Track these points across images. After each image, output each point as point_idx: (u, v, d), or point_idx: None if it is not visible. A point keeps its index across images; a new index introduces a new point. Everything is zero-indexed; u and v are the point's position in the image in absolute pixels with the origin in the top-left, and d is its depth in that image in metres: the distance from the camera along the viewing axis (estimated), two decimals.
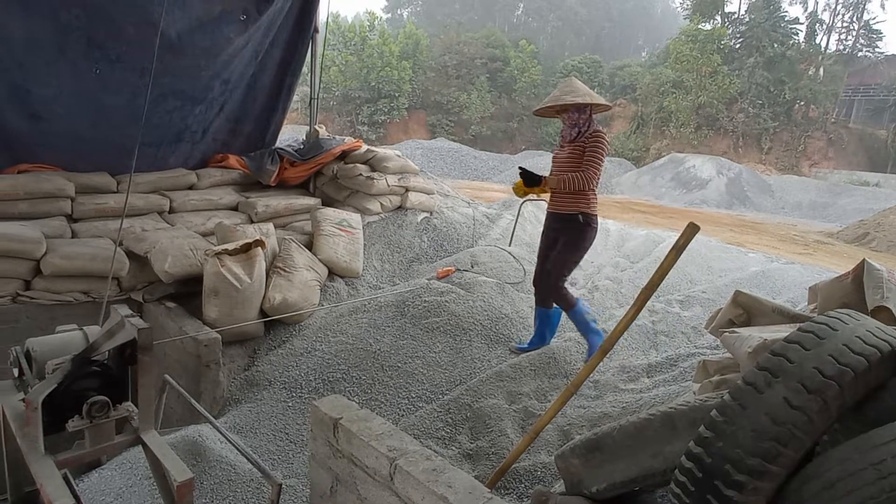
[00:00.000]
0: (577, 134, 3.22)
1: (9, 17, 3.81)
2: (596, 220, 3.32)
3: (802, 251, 10.10)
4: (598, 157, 3.15)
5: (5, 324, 3.31)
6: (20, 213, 3.92)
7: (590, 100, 3.16)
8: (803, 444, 1.25)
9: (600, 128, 3.22)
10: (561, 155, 3.36)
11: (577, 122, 3.22)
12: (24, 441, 1.86)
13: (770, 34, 24.38)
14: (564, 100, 3.15)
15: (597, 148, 3.15)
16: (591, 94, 3.21)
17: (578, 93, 3.17)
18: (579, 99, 3.13)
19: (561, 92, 3.22)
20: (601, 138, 3.17)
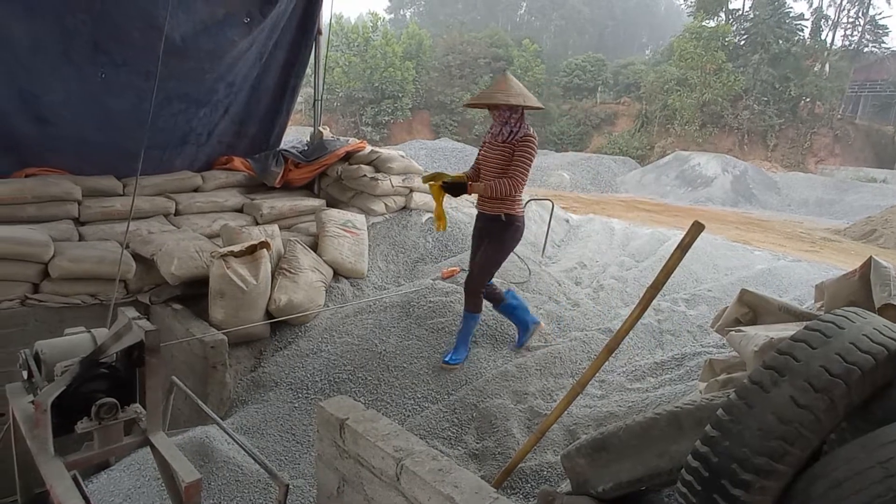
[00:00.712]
0: (508, 134, 3.16)
1: (15, 22, 3.85)
2: (520, 220, 3.30)
3: (809, 249, 10.05)
4: (525, 163, 3.12)
5: (14, 326, 3.34)
6: (28, 217, 3.95)
7: (522, 101, 3.09)
8: (810, 443, 1.25)
9: (531, 130, 3.17)
10: (490, 154, 3.28)
11: (507, 121, 3.16)
12: (33, 443, 1.88)
13: (775, 30, 24.26)
14: (497, 99, 3.08)
15: (525, 153, 3.12)
16: (524, 94, 3.14)
17: (511, 93, 3.10)
18: (511, 100, 3.06)
19: (494, 90, 3.15)
20: (531, 143, 3.13)
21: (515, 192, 3.16)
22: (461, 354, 3.45)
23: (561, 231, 6.95)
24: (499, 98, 3.08)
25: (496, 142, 3.23)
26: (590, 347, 3.73)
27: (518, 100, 3.08)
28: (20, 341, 3.09)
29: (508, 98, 3.06)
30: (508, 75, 3.24)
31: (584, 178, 18.58)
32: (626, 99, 27.69)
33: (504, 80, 3.17)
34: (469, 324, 3.49)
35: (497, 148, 3.23)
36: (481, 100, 3.24)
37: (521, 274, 4.52)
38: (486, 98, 3.18)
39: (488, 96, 3.16)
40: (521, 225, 3.33)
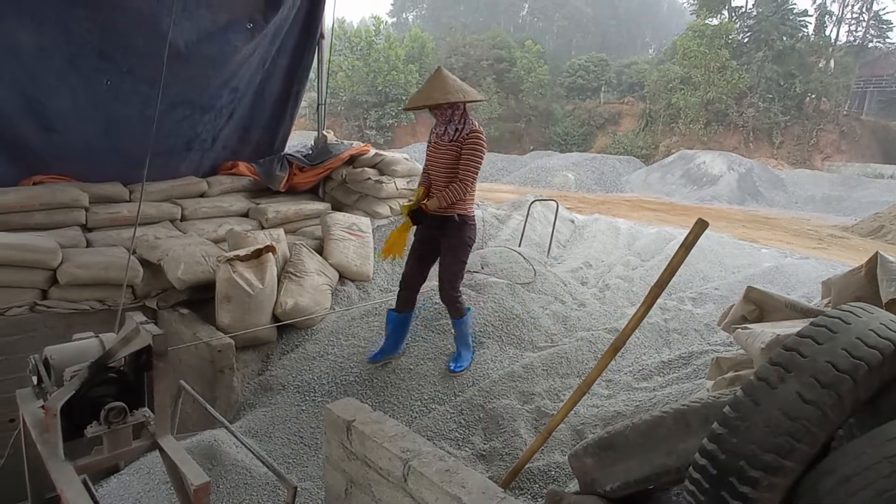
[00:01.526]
0: (454, 132, 3.04)
1: (22, 31, 3.89)
2: (472, 219, 3.23)
3: (816, 246, 9.98)
4: (474, 162, 3.01)
5: (24, 332, 3.37)
6: (36, 224, 3.99)
7: (462, 97, 2.96)
8: (818, 439, 1.24)
9: (477, 125, 3.06)
10: (436, 156, 3.17)
11: (451, 119, 3.03)
12: (44, 447, 1.90)
13: (779, 27, 24.14)
14: (435, 98, 2.94)
15: (474, 151, 3.00)
16: (463, 89, 3.00)
17: (450, 90, 2.95)
18: (451, 97, 2.93)
19: (431, 88, 2.99)
20: (478, 139, 3.01)
21: (467, 194, 3.05)
22: (466, 360, 3.37)
23: (566, 231, 6.94)
24: (437, 97, 2.93)
25: (442, 142, 3.11)
26: (596, 347, 3.72)
27: (458, 95, 2.94)
28: (30, 347, 3.12)
29: (447, 96, 2.93)
30: (443, 71, 3.07)
31: (589, 179, 18.55)
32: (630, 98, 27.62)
33: (440, 77, 3.01)
34: (461, 329, 3.37)
35: (443, 148, 3.11)
36: (420, 101, 3.06)
37: (526, 274, 4.52)
38: (424, 99, 3.01)
39: (426, 96, 3.00)
40: (474, 224, 3.25)
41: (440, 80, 3.00)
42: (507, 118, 27.55)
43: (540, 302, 4.24)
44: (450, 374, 3.37)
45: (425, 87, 3.04)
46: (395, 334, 3.48)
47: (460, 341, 3.40)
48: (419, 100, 3.05)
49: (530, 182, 18.04)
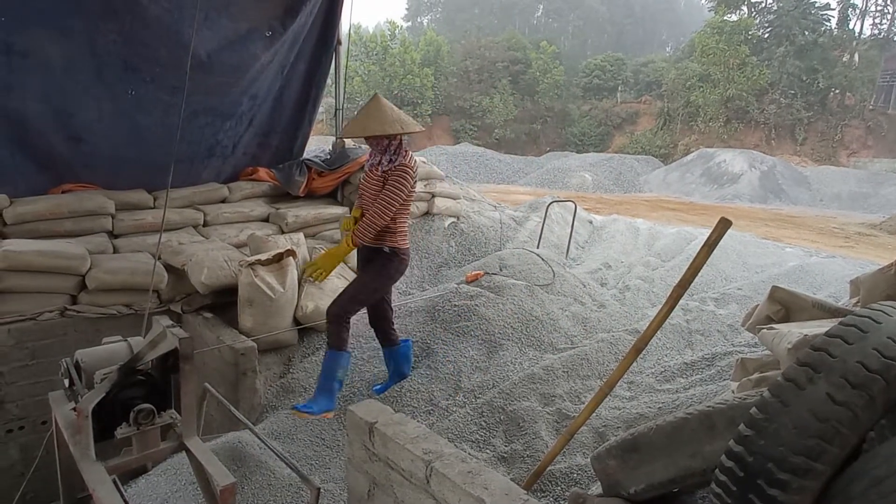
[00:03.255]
0: (387, 163, 2.94)
1: (50, 45, 4.01)
2: (405, 252, 3.09)
3: (843, 244, 9.76)
4: (392, 196, 2.87)
5: (55, 337, 3.46)
6: (65, 231, 4.09)
7: (400, 129, 2.86)
8: (848, 441, 1.22)
9: (408, 160, 2.93)
10: (368, 185, 3.05)
11: (387, 149, 2.93)
12: (76, 448, 1.95)
13: (800, 22, 23.70)
14: (371, 130, 2.85)
15: (396, 185, 2.88)
16: (400, 119, 2.89)
17: (386, 120, 2.85)
18: (388, 129, 2.83)
19: (367, 118, 2.89)
20: (404, 174, 2.88)
21: (379, 224, 2.88)
22: (317, 406, 2.92)
23: (584, 232, 6.90)
24: (374, 128, 2.84)
25: (374, 172, 3.00)
26: (617, 349, 3.69)
27: (395, 127, 2.85)
28: (61, 351, 3.21)
29: (384, 127, 2.83)
30: (381, 100, 2.96)
31: (607, 179, 18.39)
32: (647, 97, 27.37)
33: (377, 107, 2.90)
34: (330, 364, 2.97)
35: (375, 179, 2.99)
36: (356, 132, 2.97)
37: (545, 276, 4.50)
38: (360, 129, 2.91)
39: (362, 126, 2.90)
40: (405, 258, 3.11)
41: (377, 109, 2.89)
42: (523, 120, 27.48)
43: (559, 303, 4.22)
44: (471, 375, 3.37)
45: (361, 116, 2.93)
46: (397, 365, 3.39)
47: (322, 379, 3.00)
48: (355, 130, 2.96)
49: (547, 183, 17.96)
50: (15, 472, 3.33)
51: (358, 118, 2.93)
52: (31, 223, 3.98)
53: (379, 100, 2.95)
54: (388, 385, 3.37)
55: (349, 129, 3.03)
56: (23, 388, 3.36)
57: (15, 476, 3.31)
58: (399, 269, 3.12)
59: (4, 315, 3.35)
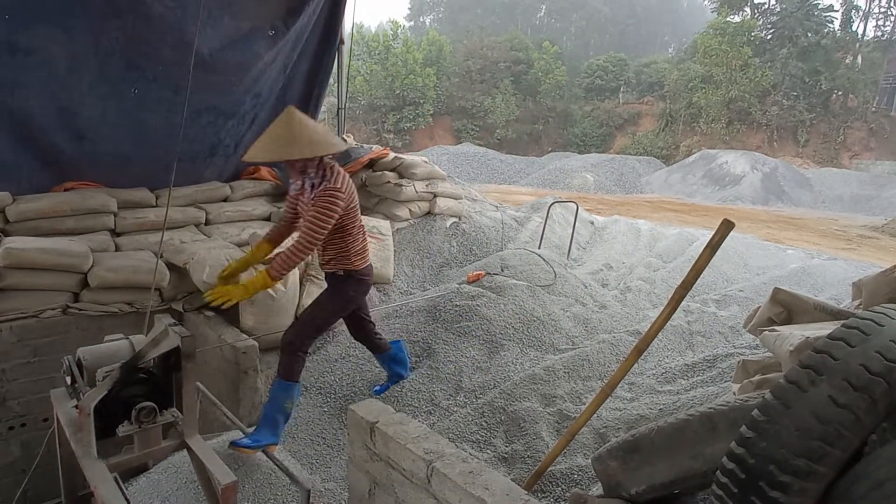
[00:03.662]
0: (312, 188, 2.56)
1: (54, 44, 4.01)
2: (362, 272, 2.79)
3: (845, 246, 9.74)
4: (316, 223, 2.47)
5: (57, 334, 3.47)
6: (67, 229, 4.10)
7: (309, 152, 2.41)
8: (851, 444, 1.22)
9: (335, 181, 2.51)
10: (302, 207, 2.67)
11: (306, 172, 2.54)
12: (77, 446, 1.95)
13: (803, 23, 23.64)
14: (280, 155, 2.41)
15: (318, 215, 2.47)
16: (313, 140, 2.43)
17: (300, 142, 2.39)
18: (296, 153, 2.39)
19: (272, 139, 2.43)
20: (330, 200, 2.47)
21: (296, 258, 2.49)
22: (260, 439, 2.58)
23: (586, 233, 6.90)
24: (278, 153, 2.40)
25: (304, 198, 2.62)
26: (618, 350, 3.69)
27: (304, 150, 2.40)
28: (63, 348, 3.21)
29: (291, 151, 2.38)
30: (293, 115, 2.49)
31: (609, 180, 18.38)
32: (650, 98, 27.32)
33: (287, 124, 2.45)
34: (277, 395, 2.68)
35: (307, 198, 2.60)
36: (256, 155, 2.47)
37: (546, 276, 4.50)
38: (266, 153, 2.46)
39: (264, 148, 2.45)
40: (365, 278, 2.82)
41: (288, 128, 2.44)
42: (524, 120, 27.46)
43: (560, 304, 4.22)
44: (472, 375, 3.36)
45: (265, 137, 2.48)
46: (393, 368, 3.33)
47: (267, 410, 2.70)
48: (256, 153, 2.48)
49: (549, 184, 17.95)
50: (16, 470, 3.34)
51: (265, 139, 2.46)
52: (33, 221, 3.99)
53: (292, 115, 2.48)
54: (386, 386, 3.35)
55: (251, 151, 2.48)
56: (24, 385, 3.37)
57: (16, 473, 3.32)
58: (359, 289, 2.84)
59: (7, 312, 3.36)
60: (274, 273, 2.44)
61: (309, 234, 2.47)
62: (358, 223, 2.72)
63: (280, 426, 2.70)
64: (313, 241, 2.49)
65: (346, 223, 2.64)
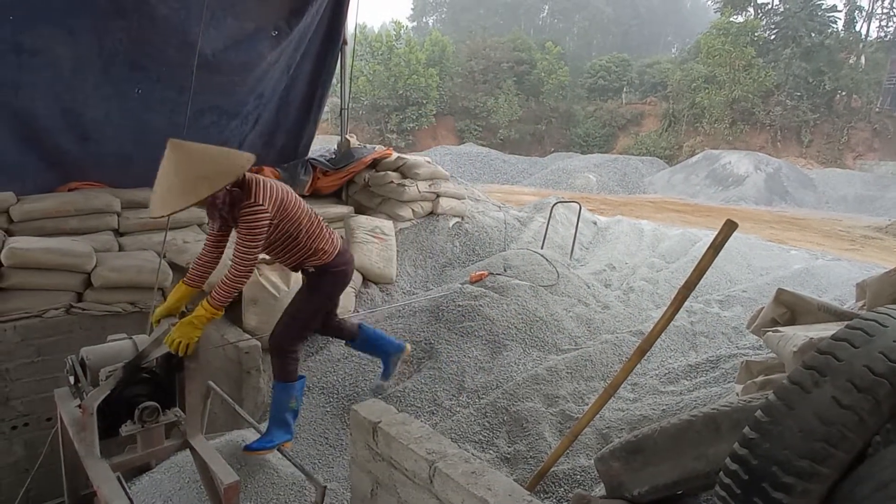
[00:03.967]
0: (230, 215, 2.37)
1: (59, 45, 4.03)
2: (336, 264, 2.64)
3: (849, 247, 9.70)
4: (244, 242, 2.27)
5: (60, 334, 3.48)
6: (71, 229, 4.11)
7: (207, 189, 2.13)
8: (854, 445, 1.21)
9: (253, 194, 2.30)
10: None
11: (214, 205, 2.32)
12: (80, 445, 1.96)
13: (807, 23, 23.57)
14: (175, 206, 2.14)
15: (246, 232, 2.27)
16: (205, 174, 2.15)
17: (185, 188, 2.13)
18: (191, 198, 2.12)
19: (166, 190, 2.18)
20: (253, 215, 2.26)
21: (237, 282, 2.29)
22: (273, 439, 2.57)
23: (589, 233, 6.89)
24: (175, 203, 2.13)
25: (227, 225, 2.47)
26: (621, 350, 3.68)
27: (200, 191, 2.12)
28: (66, 348, 3.22)
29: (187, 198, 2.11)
30: (172, 157, 2.20)
31: (611, 180, 18.35)
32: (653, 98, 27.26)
33: (174, 168, 2.18)
34: (279, 397, 2.65)
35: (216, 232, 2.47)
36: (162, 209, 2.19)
37: (549, 277, 4.50)
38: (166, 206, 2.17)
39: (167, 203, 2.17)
40: (340, 268, 2.66)
41: (174, 173, 2.17)
42: (527, 120, 27.45)
43: (563, 304, 4.21)
44: (475, 375, 3.36)
45: (158, 188, 2.22)
46: (379, 353, 3.22)
47: (273, 412, 2.67)
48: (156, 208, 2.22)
49: (551, 184, 17.94)
50: (19, 469, 3.35)
51: (157, 189, 2.23)
52: (37, 221, 4.00)
53: (169, 161, 2.20)
54: (387, 372, 3.23)
55: (153, 208, 2.25)
56: (28, 384, 3.38)
57: (19, 472, 3.33)
58: (336, 282, 2.71)
59: (10, 312, 3.37)
60: (214, 303, 2.24)
61: (240, 258, 2.27)
62: (306, 223, 2.52)
63: (290, 423, 2.70)
64: (248, 263, 2.29)
65: (289, 229, 2.47)
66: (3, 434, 3.34)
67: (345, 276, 2.73)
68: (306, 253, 2.57)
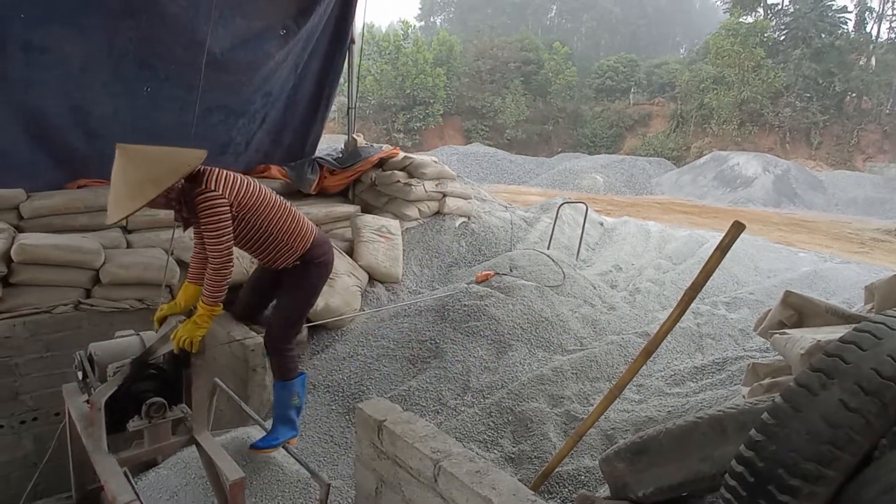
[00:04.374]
0: (189, 210, 2.32)
1: (68, 43, 4.06)
2: (316, 255, 2.57)
3: (858, 250, 9.63)
4: (211, 231, 2.22)
5: (69, 330, 3.51)
6: (80, 226, 4.14)
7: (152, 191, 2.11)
8: (861, 448, 1.21)
9: (205, 185, 2.26)
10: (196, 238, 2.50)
11: (168, 201, 2.27)
12: (88, 440, 1.98)
13: (817, 24, 23.41)
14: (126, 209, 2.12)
15: (208, 223, 2.22)
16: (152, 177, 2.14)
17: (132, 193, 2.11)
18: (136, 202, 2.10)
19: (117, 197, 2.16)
20: (208, 203, 2.21)
21: (221, 276, 2.23)
22: (279, 436, 2.57)
23: (595, 234, 6.87)
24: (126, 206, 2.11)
25: (195, 225, 2.41)
26: (626, 351, 3.67)
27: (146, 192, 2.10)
28: (74, 343, 3.24)
29: (134, 203, 2.10)
30: (120, 161, 2.19)
31: (618, 181, 18.30)
32: (660, 99, 27.16)
33: (123, 174, 2.16)
34: (282, 396, 2.62)
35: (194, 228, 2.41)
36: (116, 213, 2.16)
37: (555, 277, 4.49)
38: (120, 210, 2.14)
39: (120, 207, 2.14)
40: (322, 261, 2.60)
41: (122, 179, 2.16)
42: (534, 120, 27.41)
43: (569, 305, 4.20)
44: (480, 375, 3.36)
45: (112, 195, 2.19)
46: None
47: (277, 410, 2.65)
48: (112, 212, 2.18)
49: (558, 184, 17.91)
50: (28, 463, 3.38)
51: (111, 196, 2.22)
52: (47, 217, 4.04)
53: (121, 162, 2.18)
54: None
55: (110, 213, 2.21)
56: (37, 379, 3.41)
57: (28, 466, 3.36)
58: (321, 273, 2.63)
59: (20, 307, 3.40)
60: (208, 300, 2.22)
61: (215, 251, 2.23)
62: (276, 215, 2.47)
63: (295, 420, 2.69)
64: (222, 253, 2.23)
65: (256, 222, 2.40)
66: (12, 428, 3.37)
67: (328, 266, 2.67)
68: (283, 247, 2.48)
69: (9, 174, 4.09)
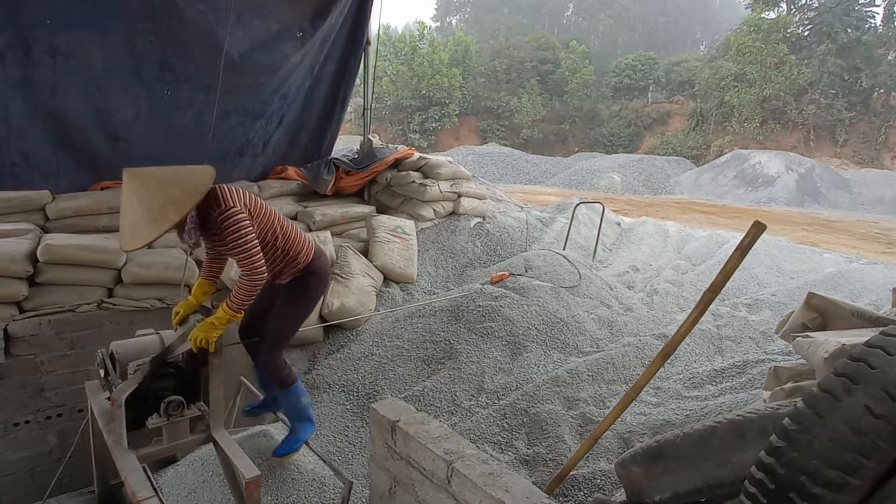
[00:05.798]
0: (211, 229, 2.28)
1: (92, 46, 4.14)
2: (317, 267, 2.56)
3: (886, 250, 9.38)
4: (237, 247, 2.20)
5: (92, 328, 3.58)
6: (103, 227, 4.23)
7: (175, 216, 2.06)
8: (887, 456, 1.17)
9: (222, 204, 2.21)
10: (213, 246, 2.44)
11: (185, 228, 2.24)
12: (109, 436, 2.01)
13: (842, 19, 22.86)
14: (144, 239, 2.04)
15: (235, 239, 2.19)
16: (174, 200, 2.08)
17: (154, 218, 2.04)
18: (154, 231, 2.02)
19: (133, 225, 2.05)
20: (230, 220, 2.18)
21: (253, 284, 2.22)
22: (303, 434, 2.62)
23: (612, 234, 6.80)
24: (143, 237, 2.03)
25: (212, 241, 2.37)
26: (643, 353, 3.63)
27: (166, 217, 2.04)
28: (97, 342, 3.31)
29: (151, 233, 2.02)
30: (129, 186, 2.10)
31: (636, 180, 18.10)
32: (680, 97, 26.79)
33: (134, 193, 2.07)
34: (290, 400, 2.64)
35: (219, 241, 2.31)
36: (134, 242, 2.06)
37: (571, 278, 4.45)
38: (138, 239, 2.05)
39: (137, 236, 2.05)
40: (322, 271, 2.59)
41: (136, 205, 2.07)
42: (551, 120, 27.26)
43: (585, 306, 4.17)
44: (495, 376, 3.35)
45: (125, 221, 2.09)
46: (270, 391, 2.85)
47: (290, 415, 2.68)
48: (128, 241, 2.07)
49: (575, 184, 17.78)
50: (52, 458, 3.46)
51: (123, 223, 2.11)
52: (71, 218, 4.13)
53: (133, 187, 2.10)
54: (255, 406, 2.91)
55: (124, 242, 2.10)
56: (61, 376, 3.48)
57: (52, 461, 3.44)
58: (320, 284, 2.64)
59: (46, 306, 3.48)
60: (233, 306, 2.22)
61: (246, 264, 2.22)
62: (279, 227, 2.47)
63: (309, 414, 2.69)
64: (254, 265, 2.22)
65: (266, 235, 2.40)
66: (38, 424, 3.45)
67: (326, 277, 2.68)
68: (287, 259, 2.49)
69: (34, 176, 4.20)
